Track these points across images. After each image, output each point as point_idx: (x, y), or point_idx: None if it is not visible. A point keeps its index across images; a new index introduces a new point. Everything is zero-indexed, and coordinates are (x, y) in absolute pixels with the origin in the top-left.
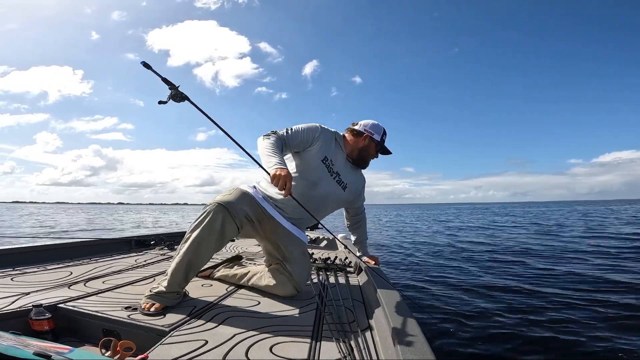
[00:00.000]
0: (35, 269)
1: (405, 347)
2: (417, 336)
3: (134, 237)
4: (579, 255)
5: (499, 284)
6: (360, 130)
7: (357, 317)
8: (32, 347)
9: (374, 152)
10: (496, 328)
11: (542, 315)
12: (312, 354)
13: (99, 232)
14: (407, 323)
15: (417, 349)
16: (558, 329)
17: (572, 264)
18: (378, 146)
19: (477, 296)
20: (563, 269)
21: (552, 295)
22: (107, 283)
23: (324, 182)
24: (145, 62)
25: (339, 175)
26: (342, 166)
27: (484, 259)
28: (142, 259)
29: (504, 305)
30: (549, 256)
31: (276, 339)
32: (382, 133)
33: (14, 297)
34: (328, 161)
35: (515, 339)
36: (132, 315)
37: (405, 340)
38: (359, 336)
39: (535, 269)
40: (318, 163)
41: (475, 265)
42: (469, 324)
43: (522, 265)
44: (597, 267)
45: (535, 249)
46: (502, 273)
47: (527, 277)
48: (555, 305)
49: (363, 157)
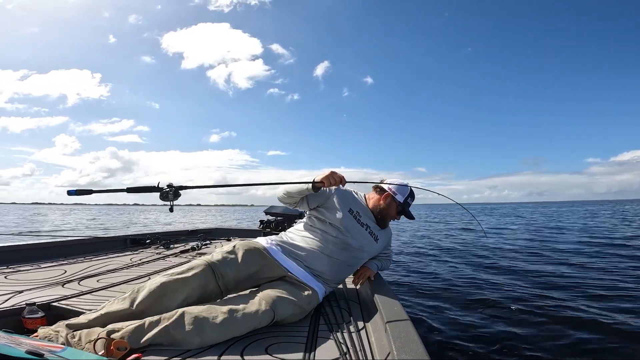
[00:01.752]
0: (29, 267)
1: (401, 347)
2: (412, 336)
3: (129, 235)
4: (576, 256)
5: (495, 285)
6: (384, 188)
7: (353, 318)
8: (24, 346)
9: (395, 213)
10: (491, 328)
11: (538, 317)
12: (308, 354)
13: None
14: (402, 323)
15: (412, 349)
16: (557, 331)
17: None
18: (399, 207)
19: (472, 296)
20: (561, 271)
21: (553, 297)
22: (101, 282)
23: (356, 232)
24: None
25: (368, 227)
26: (369, 219)
27: (480, 260)
28: (137, 258)
29: (499, 305)
30: (543, 257)
31: (271, 340)
32: (406, 195)
33: (8, 295)
34: (354, 212)
35: (511, 340)
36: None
37: (401, 341)
38: (355, 336)
39: (535, 270)
40: (345, 213)
41: (470, 265)
42: (463, 323)
43: (520, 266)
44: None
45: (532, 251)
46: (497, 273)
47: (526, 278)
48: (557, 306)
49: (383, 217)
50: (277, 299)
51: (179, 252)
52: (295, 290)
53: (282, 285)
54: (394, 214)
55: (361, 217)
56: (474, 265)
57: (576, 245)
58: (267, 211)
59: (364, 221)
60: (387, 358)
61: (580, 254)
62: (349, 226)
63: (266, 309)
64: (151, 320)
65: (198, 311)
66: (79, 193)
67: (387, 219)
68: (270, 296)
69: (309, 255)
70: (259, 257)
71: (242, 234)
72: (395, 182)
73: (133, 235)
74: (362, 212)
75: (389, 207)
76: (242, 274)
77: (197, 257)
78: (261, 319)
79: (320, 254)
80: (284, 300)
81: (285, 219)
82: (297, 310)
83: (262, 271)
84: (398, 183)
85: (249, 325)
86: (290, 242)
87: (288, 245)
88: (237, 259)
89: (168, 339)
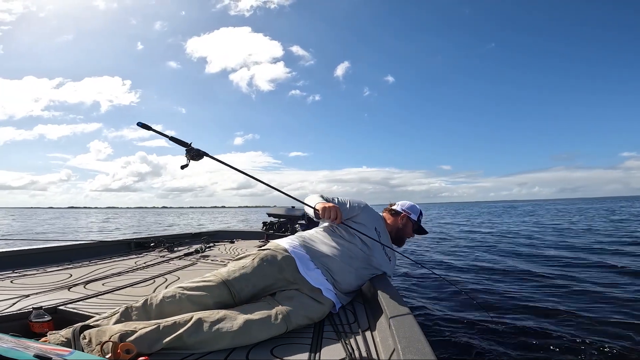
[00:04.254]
0: (35, 271)
1: (406, 347)
2: (417, 336)
3: (133, 239)
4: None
5: (501, 284)
6: (399, 210)
7: (358, 318)
8: (32, 350)
9: (411, 231)
10: (496, 327)
11: (545, 317)
12: (313, 355)
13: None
14: (407, 323)
15: (418, 349)
16: (565, 332)
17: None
18: (415, 225)
19: (477, 296)
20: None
21: (557, 300)
22: (106, 285)
23: (377, 250)
24: (143, 123)
25: (385, 247)
26: (387, 239)
27: (486, 259)
28: (142, 261)
29: (504, 304)
30: (557, 257)
31: (277, 341)
32: (418, 213)
33: (14, 299)
34: (378, 231)
35: (516, 339)
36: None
37: (406, 340)
38: (360, 336)
39: (539, 271)
40: (372, 231)
41: (474, 265)
42: (469, 322)
43: (524, 265)
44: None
45: (542, 252)
46: (502, 274)
47: (530, 279)
48: (560, 308)
49: (400, 237)
50: (292, 312)
51: (182, 255)
52: (311, 304)
53: (299, 298)
54: (410, 233)
55: (381, 237)
56: (477, 265)
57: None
58: (269, 212)
59: (383, 241)
60: (393, 357)
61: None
62: (374, 244)
63: (280, 322)
64: (165, 324)
65: (213, 319)
66: (144, 127)
67: (404, 238)
68: (286, 309)
69: (338, 267)
70: (277, 270)
71: (245, 235)
72: (405, 202)
73: (137, 238)
74: (382, 232)
75: (406, 227)
76: (259, 287)
77: (202, 259)
78: (275, 330)
79: (349, 267)
80: (298, 314)
81: (288, 220)
82: (309, 322)
83: (278, 284)
84: (408, 203)
85: (262, 335)
86: (319, 250)
87: (317, 252)
88: (254, 274)
89: (180, 345)
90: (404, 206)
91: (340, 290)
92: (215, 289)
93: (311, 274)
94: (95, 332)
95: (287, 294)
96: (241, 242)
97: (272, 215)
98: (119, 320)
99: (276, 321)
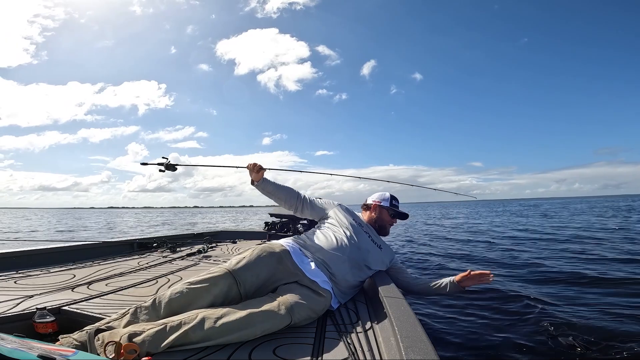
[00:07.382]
0: (38, 272)
1: (409, 347)
2: (420, 336)
3: (136, 239)
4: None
5: (503, 284)
6: (369, 203)
7: (360, 318)
8: (36, 350)
9: (389, 218)
10: (499, 327)
11: (548, 317)
12: (316, 355)
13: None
14: (410, 323)
15: (420, 349)
16: (562, 332)
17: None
18: (391, 211)
19: (480, 295)
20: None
21: (562, 303)
22: (110, 285)
23: (361, 236)
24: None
25: (370, 235)
26: (370, 229)
27: (488, 258)
28: (145, 261)
29: (507, 305)
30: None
31: (279, 341)
32: (389, 199)
33: (18, 300)
34: (357, 222)
35: (519, 339)
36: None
37: (409, 340)
38: (362, 336)
39: (544, 272)
40: (350, 221)
41: (477, 265)
42: (471, 323)
43: (528, 265)
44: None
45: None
46: (506, 274)
47: (534, 278)
48: (563, 309)
49: (381, 226)
50: (295, 304)
51: (185, 255)
52: (311, 295)
53: (299, 290)
54: (389, 219)
55: (363, 227)
56: (481, 266)
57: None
58: (271, 213)
59: (366, 230)
60: (396, 358)
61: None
62: (356, 232)
63: (284, 314)
64: (172, 325)
65: (217, 315)
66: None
67: (385, 226)
68: (288, 301)
69: (331, 257)
70: (276, 260)
71: (247, 235)
72: (374, 194)
73: (140, 239)
74: (363, 223)
75: (382, 214)
76: (262, 278)
77: (204, 260)
78: (279, 323)
79: (342, 255)
80: (301, 305)
81: (290, 221)
82: (312, 314)
83: (279, 275)
84: (376, 194)
85: (266, 328)
86: (312, 244)
87: (310, 246)
88: (256, 263)
89: (186, 341)
90: (373, 197)
91: (338, 282)
92: (221, 279)
93: (306, 267)
94: (109, 334)
95: (288, 287)
96: (243, 243)
97: (274, 215)
98: (129, 321)
99: (280, 311)
